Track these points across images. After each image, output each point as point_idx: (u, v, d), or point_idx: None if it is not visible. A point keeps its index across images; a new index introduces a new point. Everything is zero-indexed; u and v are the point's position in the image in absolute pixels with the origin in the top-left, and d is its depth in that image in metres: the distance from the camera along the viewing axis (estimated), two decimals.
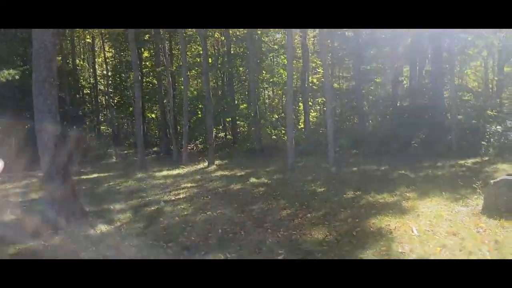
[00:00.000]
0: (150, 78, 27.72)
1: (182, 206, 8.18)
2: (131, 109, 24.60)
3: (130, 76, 23.09)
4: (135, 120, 16.23)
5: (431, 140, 15.62)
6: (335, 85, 23.70)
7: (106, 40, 27.11)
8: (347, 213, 6.93)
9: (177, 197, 9.24)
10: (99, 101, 29.26)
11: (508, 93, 23.23)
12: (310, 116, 22.93)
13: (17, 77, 15.43)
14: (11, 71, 15.66)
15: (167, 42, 26.48)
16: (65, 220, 6.83)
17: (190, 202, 8.63)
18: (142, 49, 27.88)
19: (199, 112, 23.50)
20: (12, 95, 16.90)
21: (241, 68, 23.56)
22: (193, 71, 24.43)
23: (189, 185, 11.14)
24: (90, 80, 28.99)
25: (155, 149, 25.66)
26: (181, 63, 22.15)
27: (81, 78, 28.82)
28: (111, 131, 27.37)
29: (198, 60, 22.62)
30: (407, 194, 8.08)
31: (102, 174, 14.88)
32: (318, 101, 25.38)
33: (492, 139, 14.92)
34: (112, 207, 8.38)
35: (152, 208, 8.22)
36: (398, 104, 19.18)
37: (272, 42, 25.62)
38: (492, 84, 23.24)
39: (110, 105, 29.20)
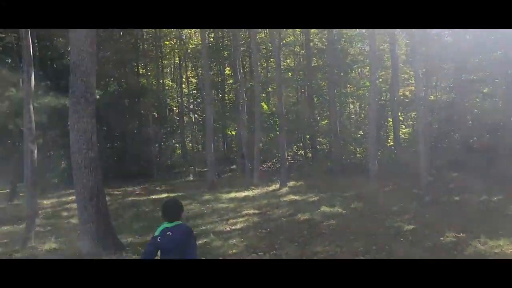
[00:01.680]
0: (232, 95, 27.58)
1: (233, 241, 6.90)
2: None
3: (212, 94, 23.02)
4: (206, 137, 15.60)
5: None
6: (431, 97, 20.79)
7: (188, 60, 27.62)
8: None
9: (232, 228, 8.00)
10: (187, 119, 29.78)
11: None
12: (401, 132, 20.31)
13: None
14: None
15: (247, 57, 26.19)
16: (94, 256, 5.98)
17: (244, 236, 7.31)
18: (223, 66, 28.07)
19: (277, 129, 22.39)
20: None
21: (322, 82, 22.00)
22: (273, 86, 23.53)
23: (251, 211, 9.85)
24: (177, 99, 29.79)
25: (233, 167, 25.13)
26: (262, 79, 21.49)
27: (169, 97, 29.83)
28: (191, 148, 27.58)
29: None
30: None
31: (171, 194, 14.37)
32: (411, 115, 22.60)
33: None
34: None
35: (199, 241, 7.05)
36: None
37: (357, 54, 23.74)
38: None
39: (195, 123, 29.56)
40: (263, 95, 26.30)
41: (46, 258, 6.28)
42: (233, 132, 28.70)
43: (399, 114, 19.77)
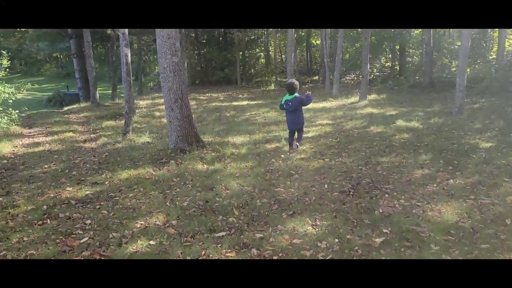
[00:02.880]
0: None
1: (303, 148, 7.32)
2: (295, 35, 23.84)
3: None
4: (287, 47, 15.45)
5: None
6: None
7: None
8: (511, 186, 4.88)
9: (304, 136, 8.36)
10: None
11: None
12: (508, 43, 17.94)
13: None
14: None
15: None
16: (179, 150, 6.87)
17: (315, 143, 7.70)
18: None
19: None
20: None
21: None
22: None
23: (325, 122, 10.10)
24: None
25: (315, 78, 24.85)
26: None
27: None
28: (274, 57, 27.49)
29: None
30: None
31: (251, 102, 15.04)
32: None
33: None
34: (235, 140, 8.15)
35: (272, 145, 7.63)
36: None
37: None
38: None
39: (279, 30, 28.91)
40: None
41: (141, 149, 7.38)
42: (317, 41, 27.78)
43: None
